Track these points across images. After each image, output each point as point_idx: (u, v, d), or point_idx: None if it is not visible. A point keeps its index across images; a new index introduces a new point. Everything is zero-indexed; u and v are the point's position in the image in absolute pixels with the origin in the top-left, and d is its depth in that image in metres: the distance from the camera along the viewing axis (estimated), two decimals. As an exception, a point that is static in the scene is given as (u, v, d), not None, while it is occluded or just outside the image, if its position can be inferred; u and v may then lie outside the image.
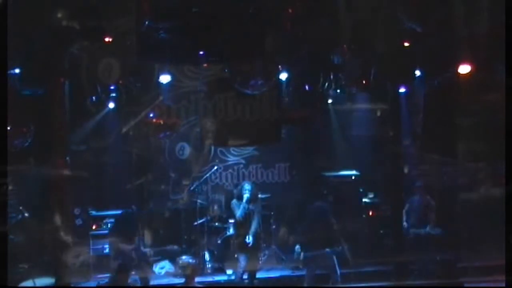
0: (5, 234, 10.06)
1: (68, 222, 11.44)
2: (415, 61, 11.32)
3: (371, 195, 13.67)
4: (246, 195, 11.59)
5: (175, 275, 12.22)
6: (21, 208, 11.72)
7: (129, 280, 10.15)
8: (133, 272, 10.68)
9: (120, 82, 11.41)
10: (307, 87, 12.80)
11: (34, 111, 11.46)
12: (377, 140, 13.67)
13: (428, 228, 12.13)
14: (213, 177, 13.93)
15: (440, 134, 11.26)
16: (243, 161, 14.19)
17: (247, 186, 11.79)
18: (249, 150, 14.13)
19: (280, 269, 12.54)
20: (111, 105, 12.66)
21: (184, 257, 12.44)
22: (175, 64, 12.20)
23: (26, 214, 11.72)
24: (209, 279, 12.01)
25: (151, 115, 13.44)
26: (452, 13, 9.79)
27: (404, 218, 12.31)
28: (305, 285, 11.15)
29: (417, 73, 11.68)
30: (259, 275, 11.81)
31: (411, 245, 11.90)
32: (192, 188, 13.51)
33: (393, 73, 11.34)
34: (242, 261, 11.56)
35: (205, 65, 12.47)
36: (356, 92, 12.64)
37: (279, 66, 11.98)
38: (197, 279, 10.52)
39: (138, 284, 10.91)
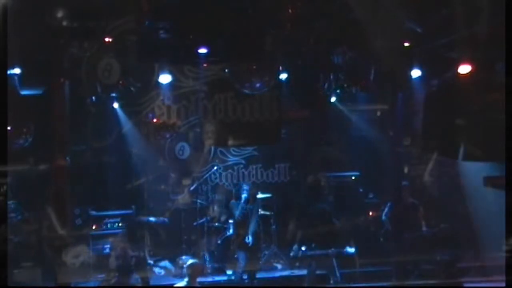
0: (5, 234, 10.07)
1: (68, 222, 11.45)
2: (415, 61, 11.33)
3: (371, 195, 13.67)
4: (244, 195, 11.60)
5: (175, 275, 12.22)
6: (21, 208, 11.72)
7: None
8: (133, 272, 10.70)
9: (120, 82, 11.41)
10: (307, 87, 12.80)
11: (34, 111, 11.47)
12: (377, 140, 13.68)
13: (415, 230, 12.10)
14: (213, 177, 13.93)
15: (440, 134, 11.25)
16: (243, 161, 14.19)
17: (246, 186, 11.79)
18: (249, 150, 14.12)
19: (280, 269, 12.55)
20: (111, 105, 12.66)
21: (184, 257, 12.44)
22: (175, 64, 12.20)
23: (26, 214, 11.71)
24: (209, 279, 12.01)
25: (151, 115, 13.44)
26: (452, 13, 9.78)
27: (385, 221, 12.33)
28: (305, 285, 11.17)
29: (417, 73, 11.68)
30: (259, 275, 11.82)
31: (411, 245, 11.90)
32: (192, 188, 13.52)
33: (393, 73, 11.35)
34: (242, 261, 11.57)
35: (205, 65, 12.46)
36: (356, 92, 12.64)
37: (279, 66, 11.98)
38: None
39: (138, 284, 10.90)
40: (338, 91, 12.45)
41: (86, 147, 13.17)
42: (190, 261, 11.37)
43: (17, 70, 10.54)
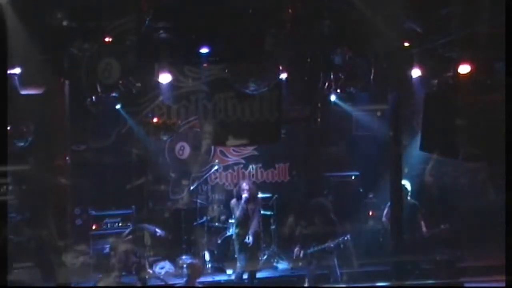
0: (5, 234, 10.07)
1: (68, 222, 11.44)
2: (415, 61, 11.32)
3: (371, 195, 13.67)
4: (245, 195, 11.59)
5: (175, 275, 12.23)
6: (21, 208, 11.72)
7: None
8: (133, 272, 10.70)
9: (120, 82, 11.41)
10: (307, 87, 12.79)
11: (34, 111, 11.46)
12: (377, 140, 13.68)
13: (415, 230, 12.09)
14: (213, 177, 13.94)
15: (440, 134, 11.24)
16: (243, 161, 14.20)
17: (246, 186, 11.78)
18: (249, 150, 14.13)
19: (280, 269, 12.55)
20: (111, 105, 12.65)
21: (184, 257, 12.45)
22: (175, 64, 12.19)
23: (27, 214, 11.72)
24: (209, 279, 12.01)
25: (151, 115, 13.45)
26: (452, 13, 9.78)
27: (385, 221, 12.34)
28: (305, 285, 11.17)
29: (417, 73, 11.68)
30: (259, 275, 11.82)
31: (411, 245, 11.89)
32: (192, 188, 13.52)
33: (394, 73, 11.34)
34: (242, 261, 11.57)
35: (205, 65, 12.46)
36: (356, 92, 12.63)
37: (279, 66, 11.97)
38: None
39: (138, 284, 10.90)
40: (338, 91, 12.45)
41: (86, 147, 13.17)
42: (189, 261, 11.42)
43: (17, 70, 10.52)
